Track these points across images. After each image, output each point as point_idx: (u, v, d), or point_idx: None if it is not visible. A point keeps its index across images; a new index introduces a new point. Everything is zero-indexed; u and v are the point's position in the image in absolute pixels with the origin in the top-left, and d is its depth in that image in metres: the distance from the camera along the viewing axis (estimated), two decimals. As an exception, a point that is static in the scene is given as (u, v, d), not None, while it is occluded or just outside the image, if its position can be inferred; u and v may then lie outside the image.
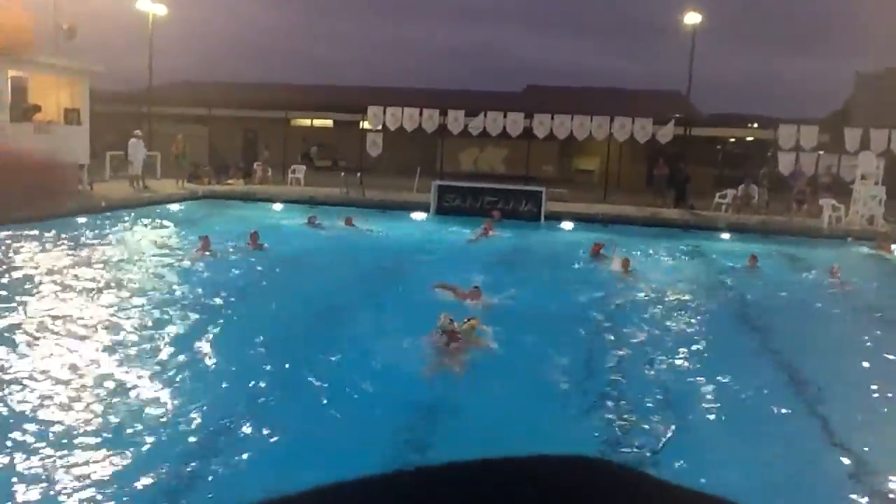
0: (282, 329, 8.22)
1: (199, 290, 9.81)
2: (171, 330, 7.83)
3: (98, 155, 21.39)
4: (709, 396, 6.62)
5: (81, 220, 15.49)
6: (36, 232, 13.38)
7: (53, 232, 13.47)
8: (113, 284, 9.88)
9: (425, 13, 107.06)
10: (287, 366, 6.86)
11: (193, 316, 8.45)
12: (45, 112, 19.02)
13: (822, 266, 13.25)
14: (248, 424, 5.57)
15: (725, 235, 18.49)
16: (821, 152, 22.93)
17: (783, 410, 6.44)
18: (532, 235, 16.94)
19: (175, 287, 9.97)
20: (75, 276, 10.25)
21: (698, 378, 7.10)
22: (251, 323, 8.35)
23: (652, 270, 12.85)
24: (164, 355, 6.97)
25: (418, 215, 19.67)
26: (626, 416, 6.07)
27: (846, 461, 5.43)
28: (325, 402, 6.12)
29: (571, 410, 6.21)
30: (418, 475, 0.44)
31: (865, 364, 7.93)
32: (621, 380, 6.98)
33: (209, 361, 6.93)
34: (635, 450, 5.44)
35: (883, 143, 21.68)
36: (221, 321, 8.37)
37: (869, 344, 8.79)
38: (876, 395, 6.88)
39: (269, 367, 6.77)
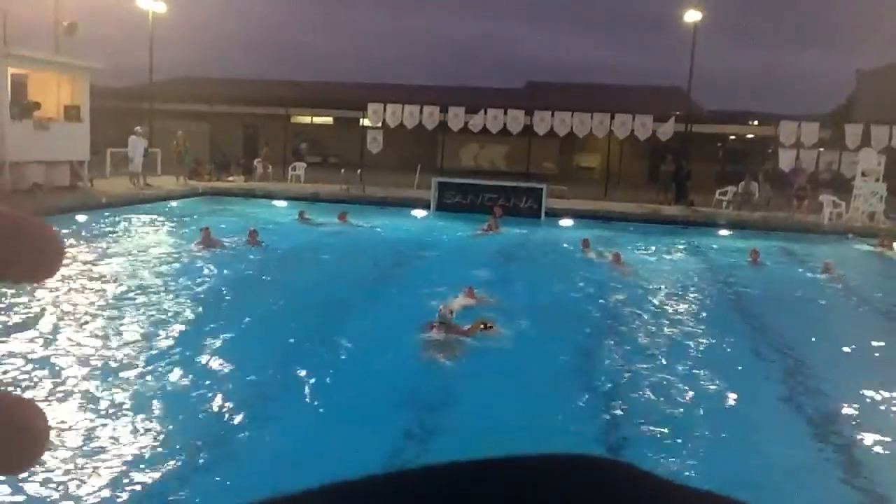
0: (278, 326, 8.20)
1: (196, 287, 9.81)
2: (169, 325, 7.83)
3: (99, 152, 21.36)
4: (712, 392, 6.60)
5: (81, 217, 15.48)
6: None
7: (53, 228, 13.43)
8: (112, 281, 9.88)
9: (425, 6, 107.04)
10: (284, 361, 6.84)
11: (190, 311, 8.45)
12: (44, 109, 18.98)
13: (818, 262, 13.20)
14: (243, 420, 5.56)
15: (726, 232, 18.48)
16: (821, 149, 22.92)
17: (785, 406, 6.42)
18: (533, 232, 16.91)
19: (173, 283, 9.96)
20: (74, 272, 10.24)
21: (700, 373, 7.07)
22: (247, 319, 8.34)
23: (653, 267, 12.84)
24: (161, 350, 6.96)
25: (418, 212, 19.66)
26: (629, 413, 6.06)
27: (846, 456, 5.43)
28: (321, 398, 6.10)
29: (574, 408, 6.19)
30: (418, 475, 0.42)
31: (865, 361, 7.91)
32: (624, 376, 6.96)
33: (206, 356, 6.91)
34: (639, 448, 5.42)
35: (884, 139, 21.66)
36: (218, 317, 8.36)
37: (866, 340, 8.77)
38: (875, 392, 6.85)
39: (264, 364, 6.75)
